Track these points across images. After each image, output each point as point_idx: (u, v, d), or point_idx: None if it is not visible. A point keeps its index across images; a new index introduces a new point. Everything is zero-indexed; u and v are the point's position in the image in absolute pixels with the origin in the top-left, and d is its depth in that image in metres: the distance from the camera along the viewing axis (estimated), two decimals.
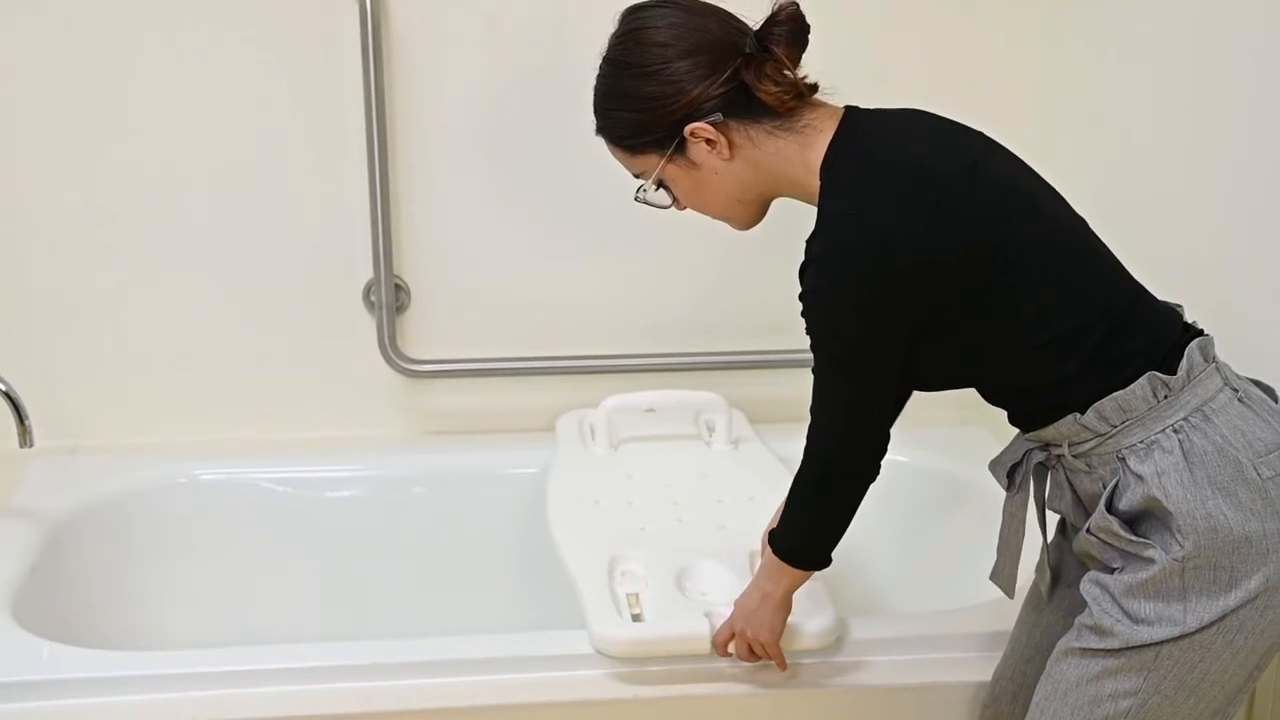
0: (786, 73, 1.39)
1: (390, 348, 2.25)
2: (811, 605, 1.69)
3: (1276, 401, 1.41)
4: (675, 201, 1.52)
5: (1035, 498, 1.51)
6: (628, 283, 2.31)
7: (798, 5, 1.40)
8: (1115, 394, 1.34)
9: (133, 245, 2.18)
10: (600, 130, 1.49)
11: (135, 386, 2.25)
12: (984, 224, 1.34)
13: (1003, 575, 1.56)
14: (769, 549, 1.56)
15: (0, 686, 1.59)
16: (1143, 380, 1.33)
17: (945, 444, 2.21)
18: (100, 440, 2.26)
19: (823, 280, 1.36)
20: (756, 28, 1.41)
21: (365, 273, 2.23)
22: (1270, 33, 1.69)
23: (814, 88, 1.43)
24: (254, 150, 2.17)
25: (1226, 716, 1.38)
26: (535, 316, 2.31)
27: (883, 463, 1.46)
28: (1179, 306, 1.44)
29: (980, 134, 1.44)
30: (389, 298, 2.22)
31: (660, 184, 1.49)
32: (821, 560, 1.54)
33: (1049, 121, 2.22)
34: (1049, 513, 1.52)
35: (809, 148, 1.41)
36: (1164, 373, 1.34)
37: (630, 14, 1.45)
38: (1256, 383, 1.42)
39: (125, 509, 2.13)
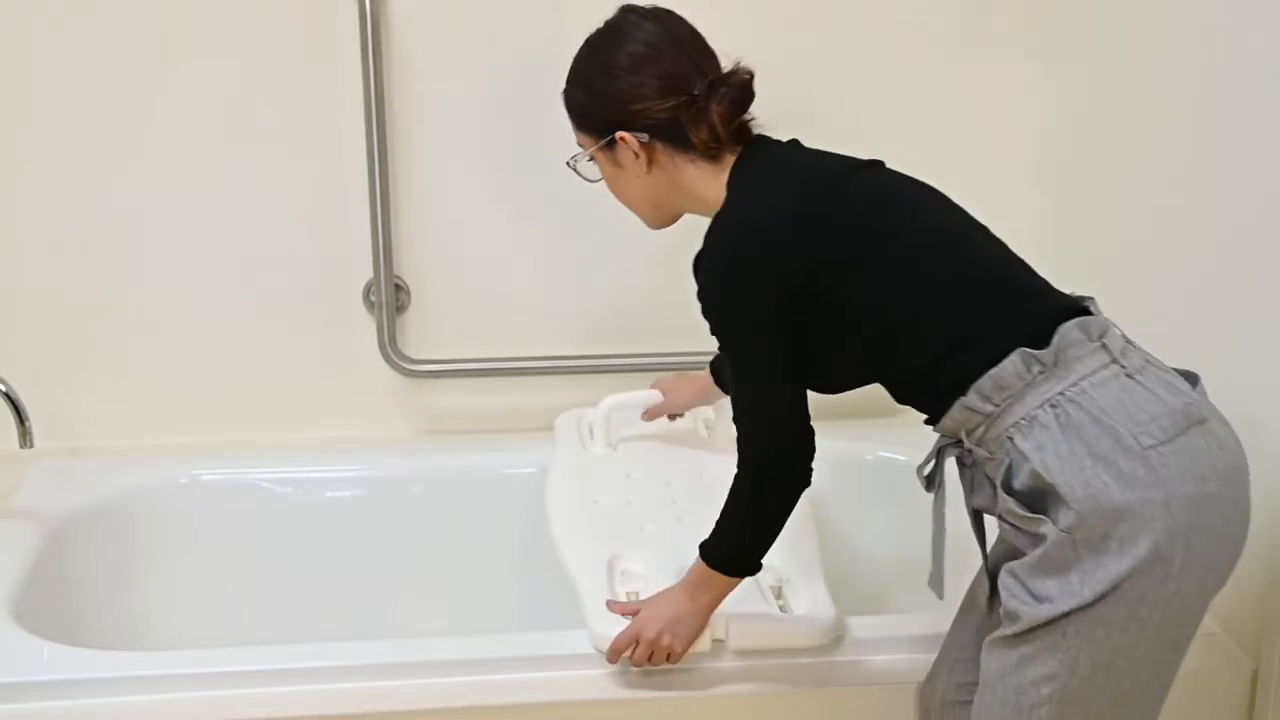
0: (718, 127, 1.49)
1: (390, 348, 2.25)
2: (812, 604, 1.70)
3: (1195, 387, 1.41)
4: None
5: (967, 503, 1.52)
6: (627, 282, 2.31)
7: (751, 75, 1.51)
8: (989, 371, 1.37)
9: (132, 246, 2.18)
10: (563, 94, 1.62)
11: (135, 387, 2.26)
12: (855, 216, 1.45)
13: (933, 578, 1.59)
14: (699, 558, 1.58)
15: (1, 687, 1.59)
16: (1014, 356, 1.36)
17: None
18: (101, 441, 2.26)
19: (707, 275, 1.47)
20: (723, 70, 1.52)
21: (365, 272, 2.23)
22: (1270, 34, 1.70)
23: (746, 135, 1.54)
24: (253, 150, 2.17)
25: (1155, 699, 1.38)
26: (534, 316, 2.31)
27: (824, 464, 1.51)
28: (1089, 299, 1.46)
29: (875, 160, 1.53)
30: (389, 297, 2.23)
31: (591, 160, 1.61)
32: (751, 567, 1.58)
33: (1047, 143, 2.22)
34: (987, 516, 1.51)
35: (723, 173, 1.53)
36: (1036, 349, 1.36)
37: (625, 11, 1.58)
38: (1185, 374, 1.41)
39: (126, 509, 2.13)
